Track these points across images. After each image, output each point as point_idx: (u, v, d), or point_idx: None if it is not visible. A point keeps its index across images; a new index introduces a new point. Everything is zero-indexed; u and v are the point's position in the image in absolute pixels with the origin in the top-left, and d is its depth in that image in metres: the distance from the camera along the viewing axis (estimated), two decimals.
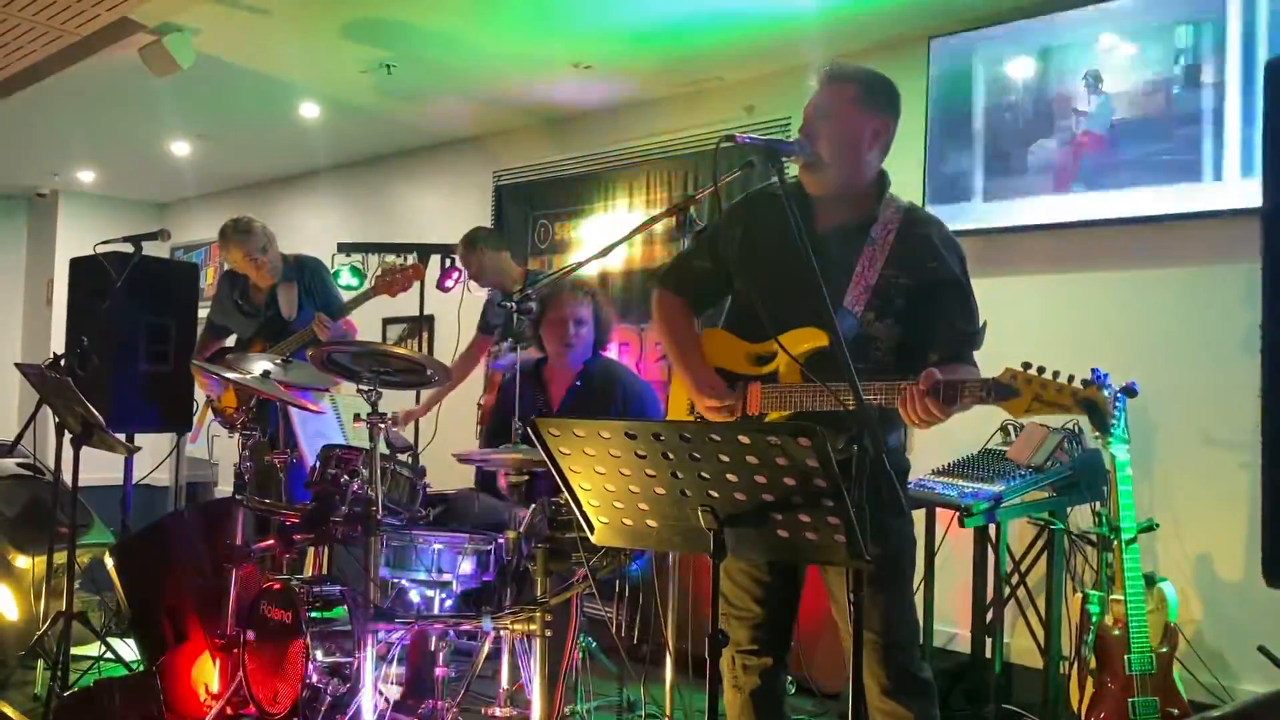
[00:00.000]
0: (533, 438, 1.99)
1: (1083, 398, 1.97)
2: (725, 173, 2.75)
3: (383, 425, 3.03)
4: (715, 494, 1.92)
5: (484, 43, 5.25)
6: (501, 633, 3.02)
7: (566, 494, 2.09)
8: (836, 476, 1.78)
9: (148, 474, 5.41)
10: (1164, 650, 3.27)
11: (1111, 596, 3.34)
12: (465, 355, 5.52)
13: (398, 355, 3.08)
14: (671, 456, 1.90)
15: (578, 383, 3.77)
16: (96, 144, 7.75)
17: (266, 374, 3.40)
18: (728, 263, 2.59)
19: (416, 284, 6.11)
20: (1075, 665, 3.45)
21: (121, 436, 4.75)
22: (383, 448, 3.43)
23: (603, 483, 2.02)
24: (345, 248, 6.12)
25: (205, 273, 9.44)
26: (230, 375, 3.41)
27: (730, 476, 1.88)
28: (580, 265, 5.07)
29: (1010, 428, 4.11)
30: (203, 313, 5.40)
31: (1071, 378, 1.97)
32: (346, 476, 3.13)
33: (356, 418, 3.07)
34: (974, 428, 4.13)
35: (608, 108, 6.13)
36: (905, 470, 2.60)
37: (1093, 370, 3.46)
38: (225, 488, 5.56)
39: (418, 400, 5.98)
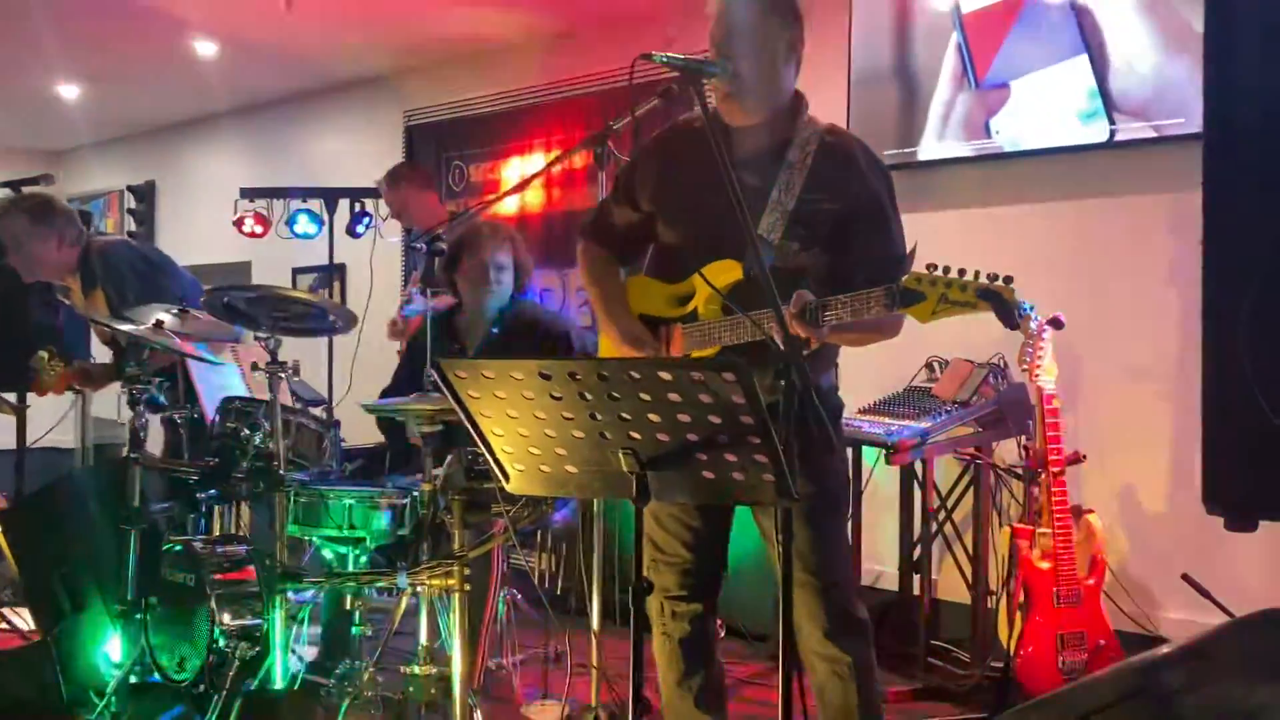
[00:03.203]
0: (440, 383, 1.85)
1: (987, 290, 1.87)
2: (645, 103, 2.65)
3: (282, 375, 2.85)
4: (637, 435, 1.80)
5: None
6: (418, 589, 2.88)
7: (478, 441, 1.96)
8: (763, 412, 1.68)
9: (41, 436, 5.11)
10: (1091, 582, 3.27)
11: (1038, 530, 3.32)
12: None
13: (299, 300, 2.89)
14: (589, 397, 1.77)
15: (494, 330, 3.61)
16: None
17: (159, 324, 3.18)
18: (647, 206, 2.47)
19: (325, 230, 5.91)
20: (1003, 600, 3.44)
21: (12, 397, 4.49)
22: (289, 399, 3.26)
23: (516, 427, 1.89)
24: (248, 193, 5.85)
25: (105, 223, 9.02)
26: (122, 327, 3.19)
27: (652, 416, 1.76)
28: (493, 202, 4.93)
29: (936, 364, 4.07)
30: None
31: (978, 273, 1.88)
32: (247, 430, 2.95)
33: (254, 367, 2.88)
34: (900, 365, 4.09)
35: (527, 41, 5.87)
36: (839, 410, 2.51)
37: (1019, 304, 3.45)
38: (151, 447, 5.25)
39: (330, 351, 5.77)
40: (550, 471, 1.96)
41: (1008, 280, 1.84)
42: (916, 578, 4.01)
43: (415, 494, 3.05)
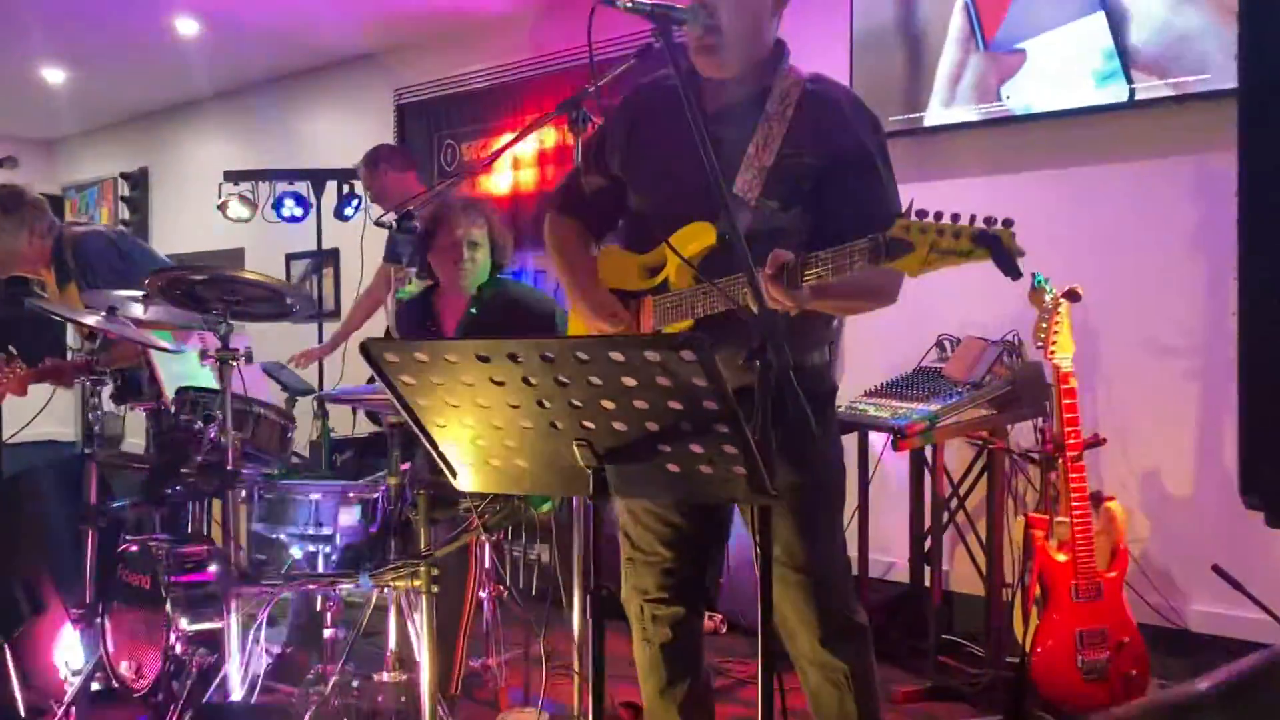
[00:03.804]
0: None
1: (983, 234, 1.62)
2: (620, 63, 2.44)
3: (234, 363, 2.64)
4: (590, 425, 1.59)
5: None
6: (386, 590, 2.68)
7: (419, 433, 1.75)
8: (729, 397, 1.46)
9: (17, 431, 4.93)
10: (1112, 575, 3.04)
11: (1056, 519, 3.09)
12: (371, 288, 5.13)
13: (251, 282, 2.68)
14: (534, 382, 1.56)
15: (472, 310, 3.40)
16: None
17: (112, 310, 2.99)
18: (617, 170, 2.25)
19: (313, 215, 5.71)
20: (1019, 593, 3.21)
21: None
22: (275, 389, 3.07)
23: (459, 417, 1.68)
24: (233, 176, 5.66)
25: (100, 213, 8.86)
26: (71, 315, 3.00)
27: (605, 403, 1.55)
28: (462, 179, 4.72)
29: (946, 343, 3.84)
30: None
31: (973, 218, 1.64)
32: (200, 423, 2.75)
33: (203, 354, 2.68)
34: (909, 344, 3.86)
35: (519, 12, 5.64)
36: (831, 391, 2.27)
37: (1032, 275, 3.21)
38: (136, 440, 5.08)
39: (320, 339, 5.59)
40: (500, 466, 1.75)
41: (1007, 224, 1.60)
42: (928, 569, 3.78)
43: (384, 489, 2.86)
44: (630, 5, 1.91)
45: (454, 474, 1.80)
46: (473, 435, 1.70)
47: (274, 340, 5.05)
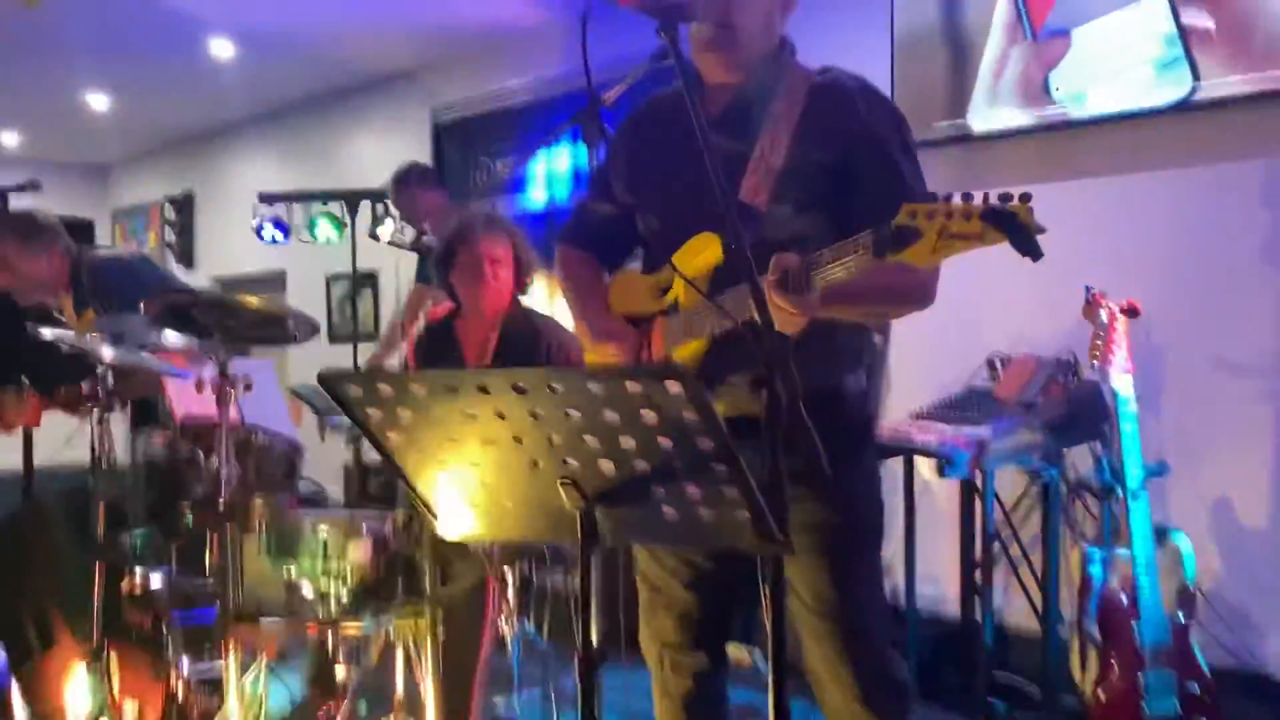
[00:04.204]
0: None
1: (994, 211, 1.42)
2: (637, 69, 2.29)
3: (231, 390, 2.52)
4: (574, 463, 1.42)
5: None
6: (390, 631, 2.53)
7: (393, 471, 1.59)
8: (722, 433, 1.28)
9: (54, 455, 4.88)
10: (1181, 615, 2.79)
11: (1117, 552, 2.85)
12: (407, 310, 5.03)
13: (250, 307, 2.55)
14: (506, 416, 1.39)
15: (493, 333, 3.24)
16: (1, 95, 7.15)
17: (119, 337, 2.88)
18: (624, 197, 2.11)
19: (349, 233, 5.62)
20: (1077, 632, 2.97)
21: None
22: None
23: (433, 454, 1.52)
24: (267, 198, 5.59)
25: (148, 238, 8.91)
26: (78, 344, 2.89)
27: (588, 439, 1.38)
28: (468, 199, 4.59)
29: (997, 362, 3.61)
30: None
31: (986, 195, 1.44)
32: (201, 453, 2.63)
33: (199, 384, 2.55)
34: (956, 363, 3.64)
35: (557, 25, 5.50)
36: (869, 420, 2.06)
37: (1085, 288, 2.99)
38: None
39: (355, 363, 5.50)
40: (482, 509, 1.58)
41: (1024, 198, 1.41)
42: (979, 604, 3.55)
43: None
44: (632, 1, 1.75)
45: (434, 516, 1.64)
46: (449, 475, 1.54)
47: (308, 363, 4.98)
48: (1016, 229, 1.41)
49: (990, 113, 3.86)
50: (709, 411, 1.27)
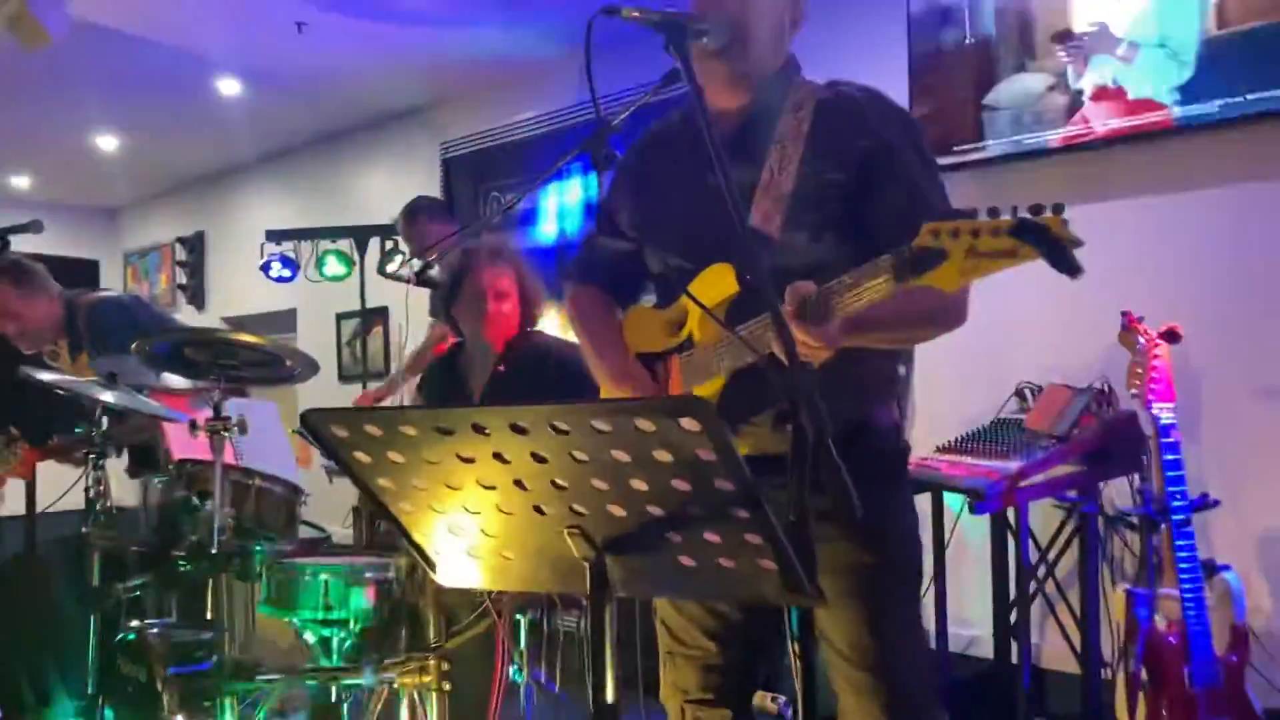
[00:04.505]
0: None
1: (1025, 225, 1.29)
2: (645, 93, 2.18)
3: (226, 434, 2.40)
4: (581, 509, 1.29)
5: None
6: (395, 684, 2.39)
7: (388, 521, 1.47)
8: (744, 474, 1.16)
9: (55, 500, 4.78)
10: (1234, 658, 2.62)
11: (1161, 591, 2.69)
12: (423, 346, 4.92)
13: (246, 345, 2.44)
14: (509, 459, 1.27)
15: (500, 367, 3.13)
16: (10, 138, 7.10)
17: (113, 378, 2.77)
18: (631, 232, 2.00)
19: (357, 271, 5.53)
20: (1122, 675, 2.80)
21: None
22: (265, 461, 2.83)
23: (427, 501, 1.39)
24: (275, 235, 5.52)
25: (159, 279, 8.85)
26: (73, 388, 2.79)
27: (597, 483, 1.25)
28: (485, 224, 4.50)
29: (1027, 391, 3.47)
30: None
31: (1015, 209, 1.31)
32: (196, 498, 2.51)
33: (193, 426, 2.43)
34: (985, 394, 3.50)
35: (567, 59, 5.42)
36: (902, 453, 1.94)
37: (1122, 313, 2.85)
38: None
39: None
40: (483, 559, 1.46)
41: (1057, 209, 1.28)
42: (1014, 644, 3.38)
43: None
44: (638, 15, 1.64)
45: (433, 567, 1.51)
46: (447, 523, 1.41)
47: (317, 403, 4.87)
48: (1052, 243, 1.28)
49: (1012, 133, 3.74)
50: (729, 450, 1.14)
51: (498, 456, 1.27)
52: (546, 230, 5.61)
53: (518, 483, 1.29)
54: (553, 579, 1.46)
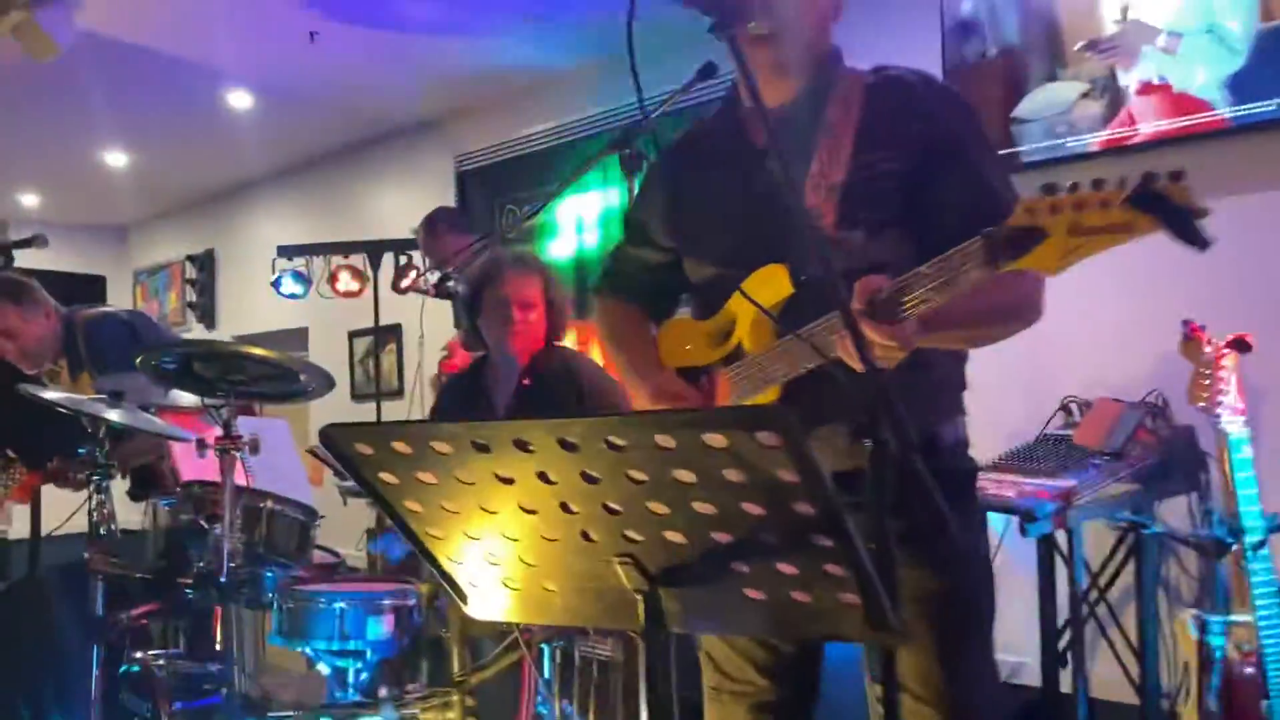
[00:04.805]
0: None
1: (1145, 194, 1.13)
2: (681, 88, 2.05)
3: (236, 454, 2.25)
4: (635, 535, 1.14)
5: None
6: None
7: (411, 543, 1.31)
8: (831, 498, 1.00)
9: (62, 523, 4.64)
10: None
11: (1231, 619, 2.52)
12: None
13: (257, 358, 2.29)
14: (553, 479, 1.11)
15: (525, 382, 2.98)
16: (18, 155, 7.01)
17: (118, 395, 2.63)
18: (666, 241, 1.87)
19: (370, 288, 5.41)
20: (1189, 707, 2.62)
21: None
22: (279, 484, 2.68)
23: (460, 525, 1.24)
24: (286, 251, 5.39)
25: (169, 297, 8.75)
26: (74, 407, 2.65)
27: (654, 506, 1.10)
28: (499, 237, 4.38)
29: (1074, 406, 3.31)
30: None
31: (1123, 180, 1.15)
32: (204, 522, 2.36)
33: (201, 445, 2.29)
34: (1029, 408, 3.33)
35: (582, 69, 5.31)
36: (971, 473, 1.78)
37: (1183, 322, 2.69)
38: None
39: (379, 420, 5.25)
40: (520, 590, 1.30)
41: (1175, 176, 1.13)
42: (1065, 672, 3.20)
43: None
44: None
45: (464, 598, 1.35)
46: (482, 551, 1.26)
47: (330, 422, 4.74)
48: (1175, 211, 1.13)
49: (1049, 137, 3.60)
50: (813, 469, 0.98)
51: (542, 476, 1.12)
52: (564, 243, 5.48)
53: (563, 506, 1.14)
54: (598, 613, 1.30)
